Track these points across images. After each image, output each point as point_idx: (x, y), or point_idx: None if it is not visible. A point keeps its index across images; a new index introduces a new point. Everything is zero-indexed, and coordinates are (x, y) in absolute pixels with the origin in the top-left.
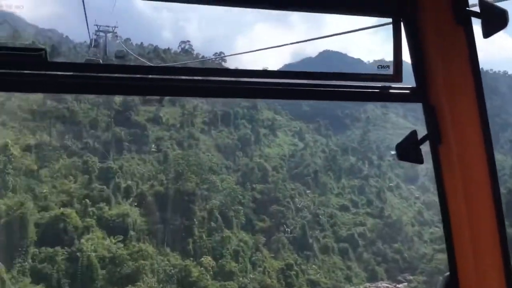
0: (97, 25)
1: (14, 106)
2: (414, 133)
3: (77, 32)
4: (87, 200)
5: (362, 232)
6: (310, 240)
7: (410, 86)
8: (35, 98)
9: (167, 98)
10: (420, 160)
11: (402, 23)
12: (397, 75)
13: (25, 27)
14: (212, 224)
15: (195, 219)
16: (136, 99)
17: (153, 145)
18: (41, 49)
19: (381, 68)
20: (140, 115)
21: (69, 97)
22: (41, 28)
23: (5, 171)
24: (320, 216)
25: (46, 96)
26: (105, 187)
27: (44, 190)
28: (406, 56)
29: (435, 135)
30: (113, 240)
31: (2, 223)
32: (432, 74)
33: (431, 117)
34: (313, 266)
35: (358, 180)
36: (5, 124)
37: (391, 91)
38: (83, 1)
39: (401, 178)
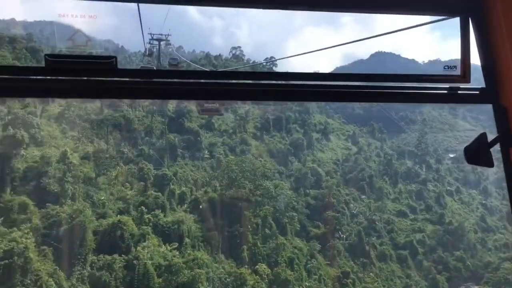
0: (150, 34)
1: (73, 116)
2: (483, 135)
3: (132, 41)
4: (143, 207)
5: (421, 239)
6: (367, 247)
7: (480, 87)
8: (93, 106)
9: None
10: (490, 164)
11: (470, 22)
12: (465, 76)
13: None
14: (266, 230)
15: (249, 226)
16: (189, 105)
17: (206, 151)
18: (112, 57)
19: (448, 68)
20: (193, 122)
21: (124, 104)
22: (98, 39)
23: (65, 179)
24: (377, 222)
25: (103, 104)
26: (160, 194)
27: (102, 198)
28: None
29: (506, 137)
30: (169, 248)
31: (62, 231)
32: (503, 74)
33: (502, 118)
34: (370, 274)
35: (415, 184)
36: (65, 133)
37: (459, 92)
38: (139, 12)
39: (461, 182)
